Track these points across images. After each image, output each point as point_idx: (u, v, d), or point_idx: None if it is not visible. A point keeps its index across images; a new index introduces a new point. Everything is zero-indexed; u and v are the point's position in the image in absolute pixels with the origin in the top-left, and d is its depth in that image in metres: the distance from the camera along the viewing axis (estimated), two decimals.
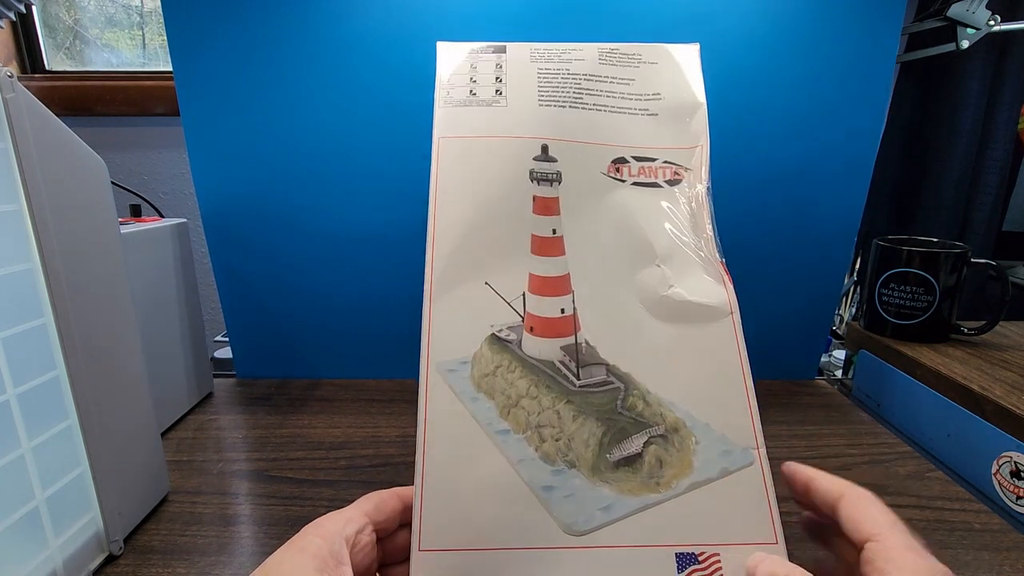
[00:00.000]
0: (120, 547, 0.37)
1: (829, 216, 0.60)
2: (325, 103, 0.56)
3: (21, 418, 0.30)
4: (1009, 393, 0.49)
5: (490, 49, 0.37)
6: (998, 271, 0.59)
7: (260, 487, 0.45)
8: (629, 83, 0.36)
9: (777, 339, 0.63)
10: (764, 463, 0.27)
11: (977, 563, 0.37)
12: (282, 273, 0.62)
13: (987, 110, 0.94)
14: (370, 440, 0.52)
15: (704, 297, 0.31)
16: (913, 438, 0.56)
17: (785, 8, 0.54)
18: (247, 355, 0.65)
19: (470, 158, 0.33)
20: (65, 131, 0.33)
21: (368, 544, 0.26)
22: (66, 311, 0.32)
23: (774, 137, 0.57)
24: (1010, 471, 0.45)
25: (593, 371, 0.29)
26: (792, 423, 0.56)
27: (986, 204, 0.97)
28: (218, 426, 0.55)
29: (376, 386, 0.63)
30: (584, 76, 0.36)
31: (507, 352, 0.29)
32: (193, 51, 0.55)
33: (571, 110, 0.35)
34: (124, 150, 1.13)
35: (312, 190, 0.59)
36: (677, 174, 0.34)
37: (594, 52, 0.37)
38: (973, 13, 0.68)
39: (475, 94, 0.35)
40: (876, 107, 0.57)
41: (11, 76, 0.29)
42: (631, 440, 0.28)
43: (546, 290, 0.31)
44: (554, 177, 0.33)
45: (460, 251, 0.31)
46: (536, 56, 0.36)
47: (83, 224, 0.34)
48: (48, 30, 1.16)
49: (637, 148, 0.34)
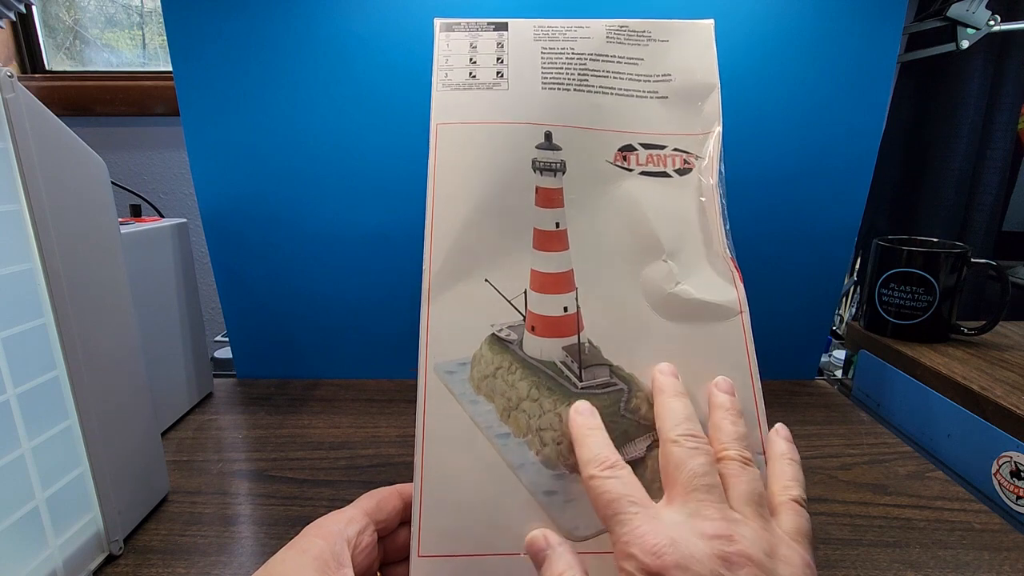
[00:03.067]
0: (120, 547, 0.37)
1: (829, 216, 0.60)
2: (325, 103, 0.56)
3: (21, 418, 0.30)
4: (1009, 393, 0.49)
5: (491, 26, 0.35)
6: (998, 271, 0.59)
7: (260, 487, 0.45)
8: (638, 63, 0.34)
9: (777, 339, 0.63)
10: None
11: (977, 563, 0.37)
12: (282, 273, 0.61)
13: (987, 110, 0.95)
14: (370, 440, 0.52)
15: (712, 295, 0.30)
16: (913, 438, 0.56)
17: (785, 8, 0.54)
18: (247, 355, 0.65)
19: (469, 146, 0.31)
20: (65, 131, 0.33)
21: (370, 544, 0.26)
22: (66, 311, 0.32)
23: (774, 137, 0.57)
24: (1010, 471, 0.45)
25: (596, 372, 0.28)
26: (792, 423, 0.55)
27: (986, 204, 0.97)
28: (218, 426, 0.55)
29: (376, 386, 0.63)
30: (590, 56, 0.34)
31: (507, 353, 0.29)
32: (193, 51, 0.55)
33: (576, 93, 0.33)
34: (124, 150, 1.13)
35: (312, 190, 0.59)
36: (687, 163, 0.32)
37: (601, 29, 0.34)
38: (973, 13, 0.68)
39: (475, 76, 0.33)
40: (876, 107, 0.57)
41: (11, 76, 0.29)
42: (634, 444, 0.27)
43: (548, 287, 0.30)
44: (558, 167, 0.31)
45: (459, 246, 0.30)
46: (539, 34, 0.34)
47: (83, 224, 0.34)
48: (48, 30, 1.16)
49: (645, 134, 0.33)
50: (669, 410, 0.26)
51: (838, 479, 0.46)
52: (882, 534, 0.40)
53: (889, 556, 0.37)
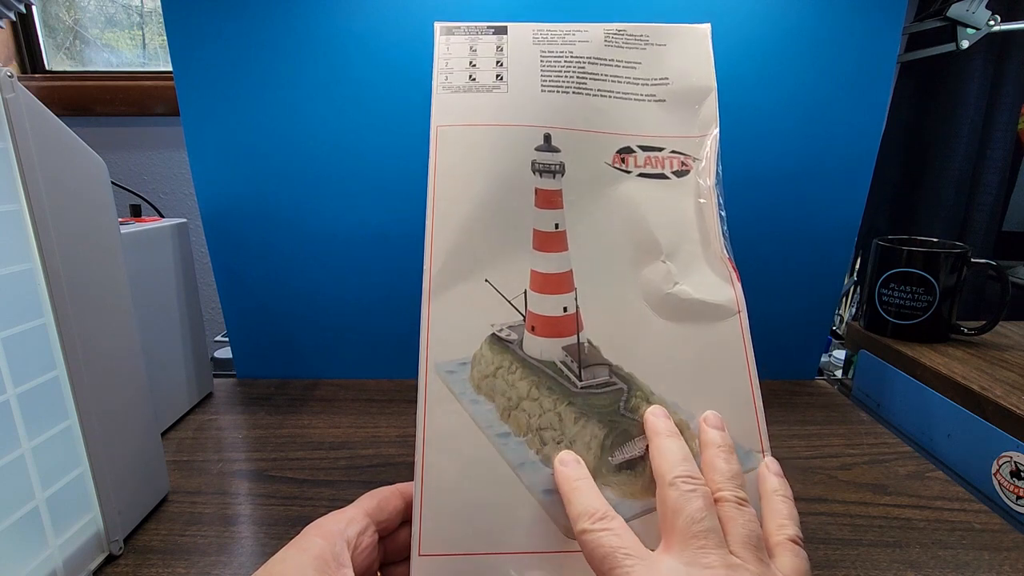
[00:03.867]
0: (120, 547, 0.37)
1: (829, 216, 0.60)
2: (325, 103, 0.56)
3: (21, 418, 0.30)
4: (1009, 393, 0.49)
5: (490, 30, 0.35)
6: (998, 271, 0.59)
7: (260, 487, 0.45)
8: (635, 67, 0.34)
9: (777, 339, 0.63)
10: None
11: (977, 563, 0.37)
12: (282, 273, 0.61)
13: (987, 110, 0.95)
14: (370, 440, 0.52)
15: (710, 295, 0.30)
16: (913, 438, 0.56)
17: (785, 9, 0.54)
18: (247, 355, 0.65)
19: (469, 148, 0.32)
20: (65, 131, 0.33)
21: (370, 545, 0.26)
22: (66, 311, 0.32)
23: (774, 137, 0.57)
24: (1010, 471, 0.45)
25: (595, 372, 0.29)
26: (792, 423, 0.56)
27: (986, 204, 0.97)
28: (218, 426, 0.55)
29: (376, 386, 0.63)
30: (588, 59, 0.34)
31: (508, 352, 0.29)
32: (193, 51, 0.55)
33: (575, 96, 0.33)
34: (124, 150, 1.13)
35: (312, 190, 0.59)
36: (685, 164, 0.33)
37: (599, 33, 0.35)
38: (973, 13, 0.68)
39: (474, 79, 0.33)
40: (876, 107, 0.57)
41: (11, 76, 0.29)
42: (634, 443, 0.27)
43: (548, 287, 0.30)
44: (557, 168, 0.32)
45: (459, 247, 0.30)
46: (538, 38, 0.35)
47: (83, 224, 0.34)
48: (48, 30, 1.16)
49: (643, 137, 0.33)
50: (665, 451, 0.26)
51: (838, 479, 0.46)
52: (882, 534, 0.40)
53: (889, 556, 0.37)
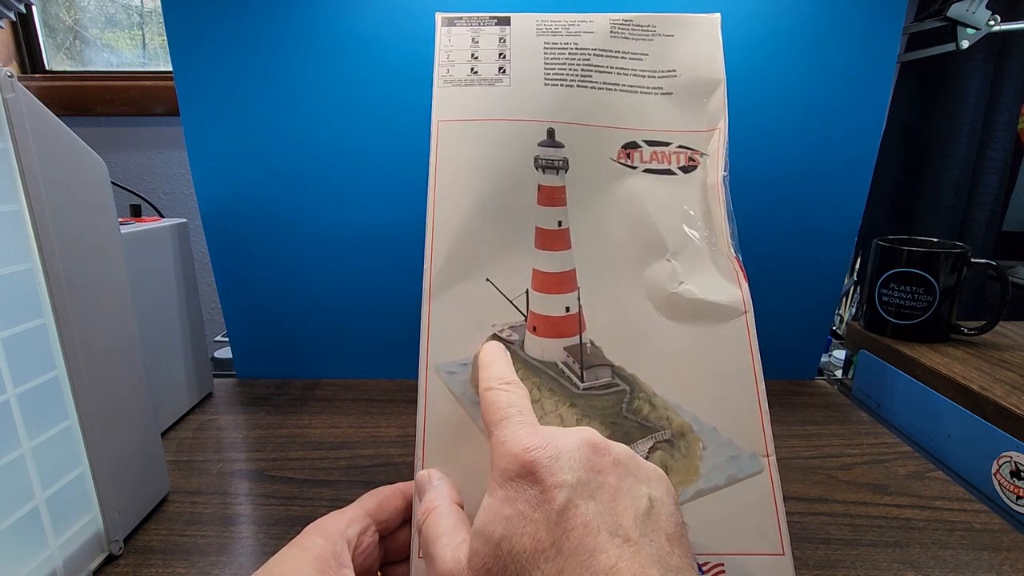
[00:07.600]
0: (120, 547, 0.37)
1: (829, 216, 0.60)
2: (325, 103, 0.56)
3: (21, 418, 0.30)
4: (1009, 393, 0.49)
5: (493, 20, 0.34)
6: (998, 271, 0.59)
7: (260, 487, 0.45)
8: (642, 58, 0.33)
9: (777, 339, 0.62)
10: (773, 470, 0.27)
11: (977, 563, 0.37)
12: (282, 273, 0.61)
13: (987, 110, 0.95)
14: (370, 440, 0.52)
15: (716, 295, 0.29)
16: (913, 438, 0.56)
17: (785, 8, 0.54)
18: (247, 355, 0.65)
19: (471, 143, 0.31)
20: (65, 131, 0.33)
21: (371, 545, 0.26)
22: (66, 311, 0.32)
23: (774, 137, 0.57)
24: (1010, 471, 0.45)
25: (598, 373, 0.28)
26: (792, 423, 0.56)
27: (986, 204, 0.97)
28: (218, 426, 0.55)
29: (376, 386, 0.63)
30: (593, 51, 0.33)
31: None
32: (193, 51, 0.55)
33: (579, 89, 0.32)
34: (124, 150, 1.13)
35: (312, 190, 0.59)
36: (692, 160, 0.32)
37: (605, 24, 0.34)
38: (973, 13, 0.68)
39: (476, 72, 0.33)
40: (876, 107, 0.57)
41: (11, 76, 0.29)
42: (636, 445, 0.27)
43: (551, 287, 0.29)
44: (560, 164, 0.31)
45: (460, 245, 0.29)
46: (542, 29, 0.34)
47: (83, 224, 0.34)
48: (48, 30, 1.16)
49: (649, 131, 0.32)
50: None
51: (838, 479, 0.46)
52: (882, 534, 0.40)
53: (889, 556, 0.37)
